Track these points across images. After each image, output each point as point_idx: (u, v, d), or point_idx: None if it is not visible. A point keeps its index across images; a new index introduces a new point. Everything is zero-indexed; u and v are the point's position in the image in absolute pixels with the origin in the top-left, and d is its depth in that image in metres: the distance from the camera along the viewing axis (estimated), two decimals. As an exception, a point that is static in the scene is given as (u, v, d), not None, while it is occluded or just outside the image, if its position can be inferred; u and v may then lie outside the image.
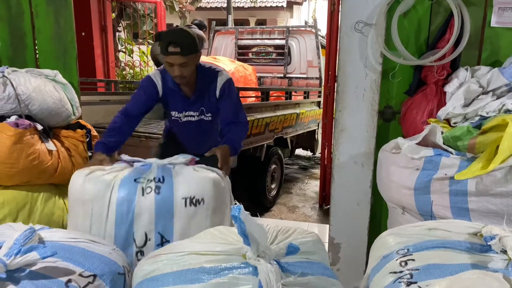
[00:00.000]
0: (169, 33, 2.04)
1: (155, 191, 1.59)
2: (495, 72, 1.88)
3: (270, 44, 6.66)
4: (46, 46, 2.47)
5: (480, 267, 1.00)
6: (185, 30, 2.05)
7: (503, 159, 1.49)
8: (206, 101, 2.26)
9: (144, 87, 2.18)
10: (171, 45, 1.98)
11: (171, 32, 2.04)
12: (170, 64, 2.04)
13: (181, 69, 2.04)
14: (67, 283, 1.00)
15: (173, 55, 1.99)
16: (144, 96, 2.17)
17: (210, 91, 2.24)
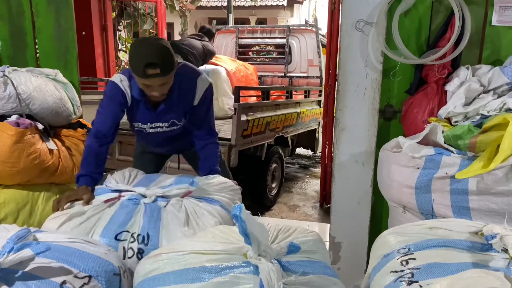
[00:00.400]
0: (144, 52, 1.69)
1: (137, 256, 1.38)
2: (496, 71, 1.88)
3: (271, 43, 6.66)
4: (47, 45, 2.47)
5: (481, 266, 1.00)
6: (160, 44, 1.73)
7: (504, 158, 1.49)
8: (179, 111, 2.00)
9: (112, 98, 1.88)
10: (150, 67, 1.67)
11: (145, 50, 1.70)
12: (147, 86, 1.77)
13: (161, 88, 1.79)
14: (62, 285, 0.99)
15: (153, 77, 1.71)
16: (115, 107, 1.89)
17: (187, 98, 1.98)
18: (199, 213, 1.52)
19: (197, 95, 1.97)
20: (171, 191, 1.61)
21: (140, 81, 1.74)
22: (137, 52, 1.71)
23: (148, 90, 1.78)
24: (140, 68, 1.68)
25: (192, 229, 1.43)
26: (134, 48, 1.74)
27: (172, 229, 1.42)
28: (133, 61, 1.71)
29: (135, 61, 1.70)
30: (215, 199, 1.67)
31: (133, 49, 1.74)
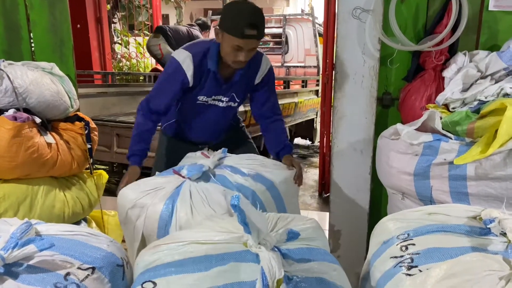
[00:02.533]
0: (244, 11, 1.72)
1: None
2: (493, 56, 1.88)
3: (267, 33, 6.63)
4: (42, 38, 2.45)
5: (480, 250, 1.00)
6: (257, 7, 1.77)
7: (502, 143, 1.49)
8: (242, 87, 2.02)
9: (173, 77, 1.87)
10: (249, 28, 1.69)
11: (246, 10, 1.73)
12: (238, 48, 1.75)
13: (249, 53, 1.79)
14: (66, 276, 1.00)
15: (250, 38, 1.72)
16: (176, 87, 1.88)
17: (250, 75, 1.99)
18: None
19: (260, 73, 2.02)
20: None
21: (234, 42, 1.73)
22: (238, 11, 1.73)
23: (235, 54, 1.77)
24: (239, 27, 1.69)
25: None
26: (233, 8, 1.77)
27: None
28: (231, 20, 1.72)
29: (234, 20, 1.71)
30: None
31: (230, 8, 1.77)
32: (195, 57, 1.85)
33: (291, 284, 0.93)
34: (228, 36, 1.74)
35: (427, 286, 0.93)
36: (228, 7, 1.80)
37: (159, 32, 5.23)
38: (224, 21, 1.75)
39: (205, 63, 1.87)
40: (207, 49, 1.88)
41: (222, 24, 1.76)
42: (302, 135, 6.96)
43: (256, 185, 1.68)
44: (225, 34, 1.75)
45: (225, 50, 1.80)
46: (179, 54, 1.87)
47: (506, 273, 0.88)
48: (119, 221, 1.72)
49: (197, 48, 1.89)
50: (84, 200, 2.07)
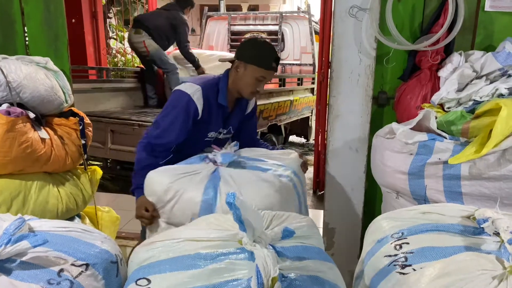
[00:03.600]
0: (270, 47, 1.90)
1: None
2: (488, 56, 1.89)
3: (263, 30, 6.62)
4: (36, 32, 2.43)
5: (473, 249, 1.01)
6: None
7: (496, 143, 1.50)
8: (237, 118, 2.11)
9: (185, 111, 1.83)
10: (274, 61, 1.87)
11: (270, 47, 1.91)
12: (261, 79, 1.88)
13: (264, 85, 1.96)
14: (60, 273, 1.00)
15: (273, 70, 1.89)
16: (187, 121, 1.84)
17: (243, 106, 2.11)
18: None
19: (251, 102, 2.14)
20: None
21: (259, 74, 1.85)
22: (262, 46, 1.89)
23: (257, 85, 1.89)
24: (270, 60, 1.85)
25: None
26: (256, 43, 1.92)
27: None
28: (259, 53, 1.85)
29: (261, 53, 1.85)
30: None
31: (255, 43, 1.92)
32: (204, 90, 1.87)
33: (285, 282, 0.93)
34: (253, 68, 1.84)
35: (421, 285, 0.94)
36: (251, 42, 1.95)
37: (139, 27, 4.90)
38: (250, 54, 1.86)
39: (212, 97, 1.91)
40: (216, 83, 1.94)
41: (247, 56, 1.86)
42: (297, 133, 6.98)
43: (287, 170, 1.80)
44: (249, 66, 1.85)
45: (245, 81, 1.88)
46: (188, 87, 1.86)
47: (499, 273, 0.89)
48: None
49: (206, 81, 1.93)
50: (78, 196, 2.05)
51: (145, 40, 4.83)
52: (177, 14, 5.01)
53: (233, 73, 1.93)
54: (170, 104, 1.87)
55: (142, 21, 4.97)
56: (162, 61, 4.95)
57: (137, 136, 4.00)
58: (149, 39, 4.84)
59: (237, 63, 1.89)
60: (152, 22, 4.89)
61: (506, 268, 0.89)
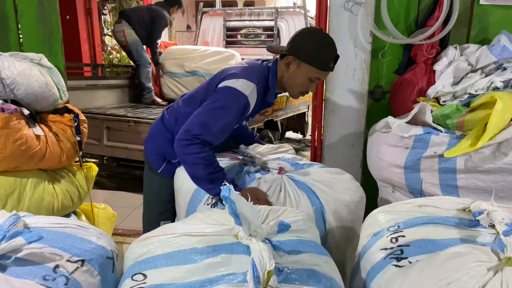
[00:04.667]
0: (331, 45, 1.65)
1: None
2: (483, 50, 1.89)
3: (259, 25, 6.59)
4: (30, 29, 2.41)
5: (469, 241, 1.01)
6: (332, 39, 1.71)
7: (491, 136, 1.51)
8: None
9: (241, 113, 1.64)
10: (334, 61, 1.66)
11: (331, 43, 1.66)
12: (315, 80, 1.70)
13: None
14: (55, 269, 0.99)
15: (330, 71, 1.69)
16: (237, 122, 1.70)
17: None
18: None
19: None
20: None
21: (314, 74, 1.66)
22: (323, 43, 1.64)
23: (309, 85, 1.71)
24: (329, 59, 1.64)
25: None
26: (316, 38, 1.65)
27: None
28: (317, 52, 1.62)
29: (321, 52, 1.63)
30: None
31: (314, 39, 1.65)
32: (258, 88, 1.67)
33: (281, 276, 0.93)
34: (307, 67, 1.64)
35: (417, 277, 0.94)
36: (309, 35, 1.68)
37: (121, 17, 5.08)
38: (306, 50, 1.63)
39: (262, 93, 1.71)
40: (266, 78, 1.73)
41: (302, 53, 1.64)
42: (293, 129, 6.97)
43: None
44: (303, 64, 1.64)
45: (296, 80, 1.69)
46: (245, 85, 1.63)
47: (494, 264, 0.89)
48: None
49: (259, 77, 1.70)
50: (73, 193, 2.05)
51: (125, 29, 4.96)
52: (159, 9, 5.17)
53: (282, 68, 1.71)
54: (222, 103, 1.61)
55: (125, 12, 5.16)
56: (137, 52, 5.07)
57: (133, 133, 3.99)
58: (129, 29, 4.97)
59: (289, 58, 1.67)
60: (134, 13, 5.07)
61: (501, 260, 0.90)
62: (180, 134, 1.59)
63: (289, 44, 1.68)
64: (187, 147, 1.56)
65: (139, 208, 3.70)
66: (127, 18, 4.96)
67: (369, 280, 1.10)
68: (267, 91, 1.73)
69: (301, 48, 1.64)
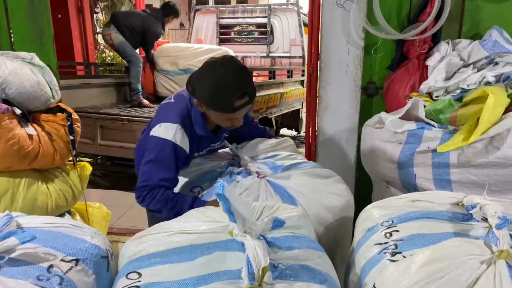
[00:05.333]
0: (231, 82, 1.46)
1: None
2: (475, 45, 1.90)
3: (252, 23, 6.59)
4: (21, 27, 2.39)
5: (462, 235, 1.02)
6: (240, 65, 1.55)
7: (483, 131, 1.52)
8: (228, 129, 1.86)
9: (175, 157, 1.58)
10: (241, 99, 1.47)
11: (233, 79, 1.46)
12: (230, 119, 1.57)
13: (243, 116, 1.61)
14: (49, 268, 0.98)
15: (242, 108, 1.51)
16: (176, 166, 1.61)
17: None
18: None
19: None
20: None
21: (224, 117, 1.54)
22: (220, 83, 1.45)
23: (230, 122, 1.59)
24: (229, 104, 1.46)
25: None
26: (212, 78, 1.47)
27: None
28: (216, 98, 1.47)
29: (219, 97, 1.46)
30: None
31: (210, 80, 1.48)
32: (183, 126, 1.60)
33: (276, 272, 0.94)
34: (214, 113, 1.54)
35: (411, 271, 0.94)
36: (205, 75, 1.50)
37: (111, 21, 5.03)
38: (203, 95, 1.51)
39: (190, 129, 1.65)
40: (189, 114, 1.65)
41: (204, 99, 1.52)
42: (288, 126, 6.98)
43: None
44: (209, 109, 1.55)
45: (214, 119, 1.61)
46: (168, 130, 1.58)
47: (487, 257, 0.90)
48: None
49: (179, 115, 1.62)
50: (67, 192, 2.04)
51: (112, 33, 4.92)
52: (153, 21, 5.07)
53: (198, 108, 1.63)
54: (156, 158, 1.58)
55: (116, 17, 5.06)
56: (125, 52, 5.03)
57: (127, 131, 3.98)
58: (115, 33, 4.92)
59: (197, 103, 1.58)
60: (125, 20, 4.98)
61: (494, 253, 0.90)
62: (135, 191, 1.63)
63: (192, 86, 1.56)
64: (142, 202, 1.61)
65: (134, 206, 3.70)
66: (116, 23, 4.91)
67: (364, 274, 1.11)
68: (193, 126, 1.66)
69: (199, 91, 1.52)
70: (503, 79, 1.76)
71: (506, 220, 0.93)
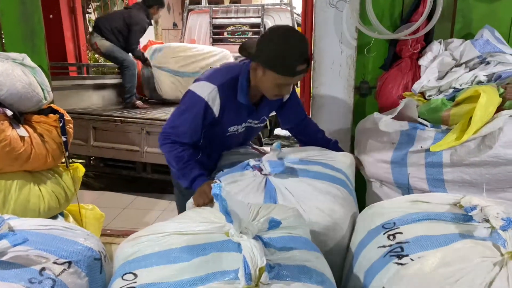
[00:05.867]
0: (296, 46, 1.50)
1: None
2: (467, 44, 1.91)
3: (246, 23, 6.57)
4: (12, 28, 2.37)
5: (467, 236, 1.02)
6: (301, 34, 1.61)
7: (476, 130, 1.53)
8: (272, 107, 1.88)
9: (200, 117, 1.65)
10: (302, 63, 1.51)
11: (298, 43, 1.50)
12: (283, 85, 1.58)
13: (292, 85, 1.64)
14: (41, 271, 0.98)
15: (300, 74, 1.54)
16: (202, 124, 1.67)
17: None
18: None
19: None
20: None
21: (281, 81, 1.54)
22: (287, 46, 1.49)
23: (280, 90, 1.60)
24: (291, 66, 1.49)
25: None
26: (279, 41, 1.50)
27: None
28: (280, 58, 1.49)
29: (284, 58, 1.49)
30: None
31: (277, 41, 1.51)
32: (221, 90, 1.63)
33: (273, 272, 0.94)
34: (273, 74, 1.53)
35: (423, 275, 0.93)
36: (272, 39, 1.53)
37: (94, 29, 4.92)
38: (268, 57, 1.52)
39: (232, 94, 1.67)
40: (235, 79, 1.67)
41: (265, 60, 1.53)
42: (282, 126, 6.97)
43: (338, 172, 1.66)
44: (267, 71, 1.54)
45: (266, 85, 1.60)
46: (204, 88, 1.63)
47: (499, 259, 0.89)
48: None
49: (223, 77, 1.66)
50: (60, 194, 2.02)
51: (97, 41, 4.83)
52: (134, 13, 4.93)
53: (252, 72, 1.64)
54: (185, 107, 1.67)
55: (97, 22, 4.96)
56: (116, 58, 4.92)
57: (120, 132, 3.96)
58: (100, 40, 4.82)
59: (254, 64, 1.59)
60: (107, 23, 4.86)
61: (504, 255, 0.90)
62: (159, 135, 1.74)
63: (255, 47, 1.58)
64: (162, 146, 1.72)
65: (128, 208, 3.68)
66: (99, 29, 4.81)
67: (368, 279, 1.09)
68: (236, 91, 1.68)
69: (264, 53, 1.53)
70: (494, 78, 1.77)
71: (511, 221, 0.93)
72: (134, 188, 4.18)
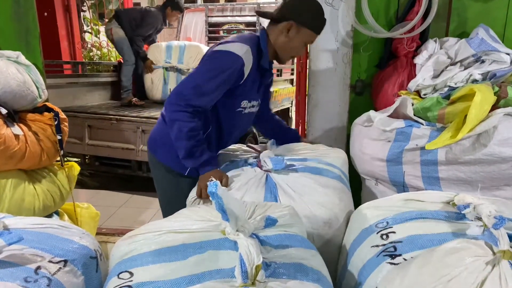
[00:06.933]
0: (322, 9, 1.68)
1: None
2: (462, 43, 1.92)
3: (241, 21, 6.57)
4: (6, 26, 2.35)
5: (460, 235, 1.02)
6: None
7: (470, 128, 1.53)
8: (263, 88, 1.87)
9: (235, 75, 1.59)
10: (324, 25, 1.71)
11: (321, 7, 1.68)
12: (308, 43, 1.77)
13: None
14: (37, 270, 0.97)
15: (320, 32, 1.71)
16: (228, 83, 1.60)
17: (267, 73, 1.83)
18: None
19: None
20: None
21: (310, 38, 1.70)
22: (317, 8, 1.67)
23: (301, 50, 1.76)
24: (321, 24, 1.69)
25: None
26: (312, 4, 1.68)
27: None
28: (314, 17, 1.66)
29: (316, 17, 1.66)
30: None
31: (310, 4, 1.67)
32: (252, 51, 1.63)
33: (269, 270, 0.94)
34: (306, 32, 1.66)
35: (416, 275, 0.93)
36: (306, 2, 1.68)
37: (113, 16, 5.11)
38: (307, 16, 1.65)
39: (256, 60, 1.67)
40: (258, 46, 1.69)
41: (303, 18, 1.64)
42: (277, 124, 6.96)
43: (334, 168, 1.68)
44: (303, 29, 1.65)
45: (293, 45, 1.69)
46: (239, 48, 1.59)
47: (491, 258, 0.89)
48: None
49: (251, 41, 1.66)
50: (55, 193, 2.01)
51: (113, 28, 4.98)
52: (153, 11, 5.07)
53: (276, 34, 1.68)
54: (219, 66, 1.56)
55: (117, 12, 5.13)
56: (122, 50, 5.04)
57: (115, 131, 3.94)
58: (116, 27, 4.96)
59: (288, 24, 1.64)
60: (126, 14, 5.05)
61: (496, 253, 0.90)
62: (171, 96, 1.56)
63: (286, 9, 1.67)
64: (176, 113, 1.54)
65: (123, 207, 3.67)
66: (118, 18, 4.97)
67: (362, 278, 1.09)
68: (260, 56, 1.70)
69: (303, 14, 1.64)
70: (489, 76, 1.78)
71: (503, 219, 0.93)
72: (129, 186, 4.17)
